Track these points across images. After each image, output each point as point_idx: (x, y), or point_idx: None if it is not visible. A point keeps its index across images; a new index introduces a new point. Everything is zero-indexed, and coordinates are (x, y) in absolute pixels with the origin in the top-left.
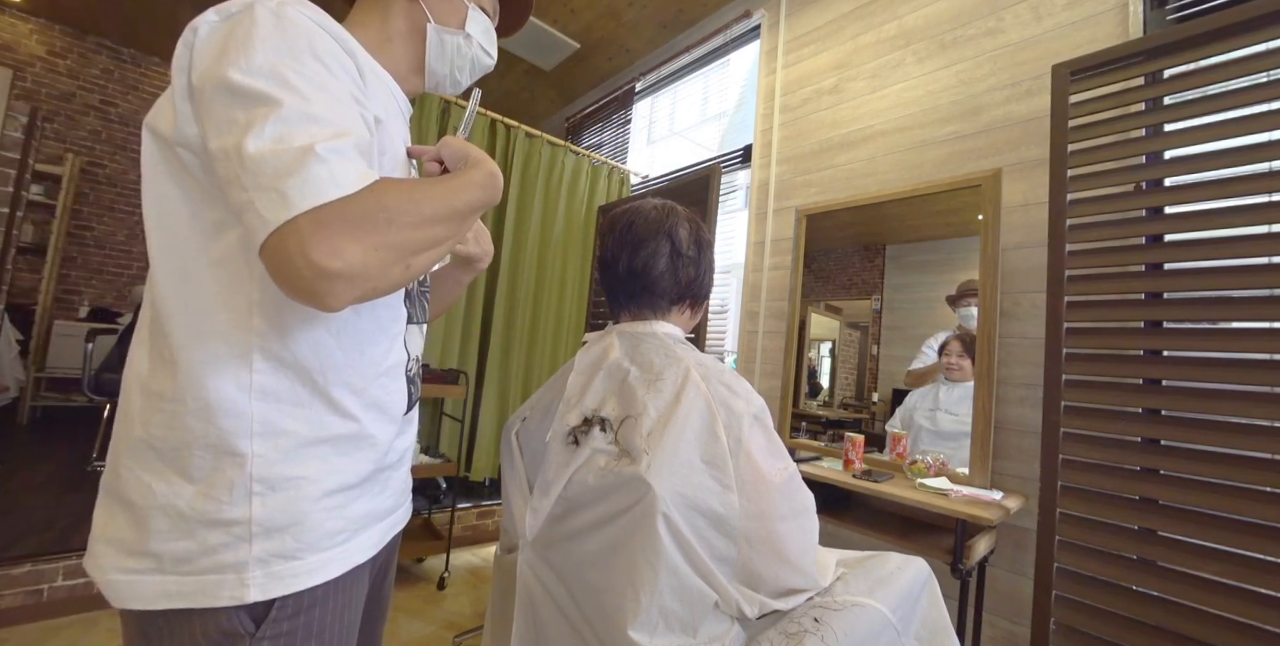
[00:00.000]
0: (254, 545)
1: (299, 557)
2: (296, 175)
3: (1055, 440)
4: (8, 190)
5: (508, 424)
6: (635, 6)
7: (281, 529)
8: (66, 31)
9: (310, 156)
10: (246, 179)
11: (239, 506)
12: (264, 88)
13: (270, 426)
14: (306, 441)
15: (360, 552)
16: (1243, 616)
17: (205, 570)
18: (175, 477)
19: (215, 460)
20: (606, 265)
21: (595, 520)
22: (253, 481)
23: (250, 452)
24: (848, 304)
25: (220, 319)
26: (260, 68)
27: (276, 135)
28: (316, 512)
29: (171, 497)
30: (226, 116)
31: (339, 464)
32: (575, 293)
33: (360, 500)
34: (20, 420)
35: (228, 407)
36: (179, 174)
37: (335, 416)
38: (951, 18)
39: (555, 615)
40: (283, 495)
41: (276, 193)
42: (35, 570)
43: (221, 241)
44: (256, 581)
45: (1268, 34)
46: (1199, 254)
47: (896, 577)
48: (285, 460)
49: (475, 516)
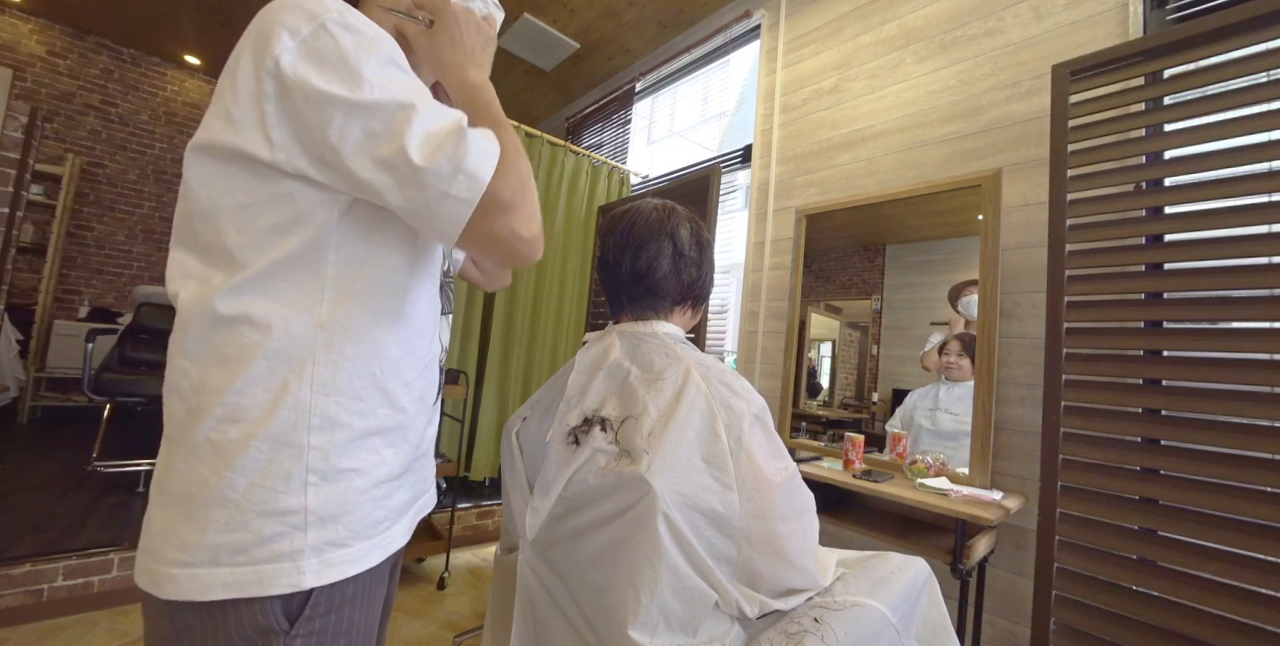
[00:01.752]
0: (309, 533)
1: (349, 545)
2: (469, 154)
3: (1055, 440)
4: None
5: (508, 424)
6: (635, 6)
7: (334, 518)
8: (66, 31)
9: (462, 134)
10: (427, 176)
11: (295, 496)
12: (387, 97)
13: (328, 419)
14: (361, 434)
15: (398, 540)
16: (1243, 616)
17: (261, 560)
18: (227, 471)
19: (273, 452)
20: (608, 267)
21: (595, 520)
22: (308, 472)
23: (308, 444)
24: (848, 304)
25: (285, 315)
26: (372, 83)
27: (423, 130)
28: (365, 503)
29: (226, 489)
30: (363, 132)
31: (387, 455)
32: (575, 293)
33: (400, 490)
34: (20, 420)
35: (289, 401)
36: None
37: (388, 408)
38: (951, 18)
39: (555, 615)
40: (335, 486)
41: (465, 174)
42: (35, 570)
43: (287, 242)
44: (312, 568)
45: (1268, 34)
46: (1199, 254)
47: (896, 577)
48: (340, 452)
49: (475, 516)
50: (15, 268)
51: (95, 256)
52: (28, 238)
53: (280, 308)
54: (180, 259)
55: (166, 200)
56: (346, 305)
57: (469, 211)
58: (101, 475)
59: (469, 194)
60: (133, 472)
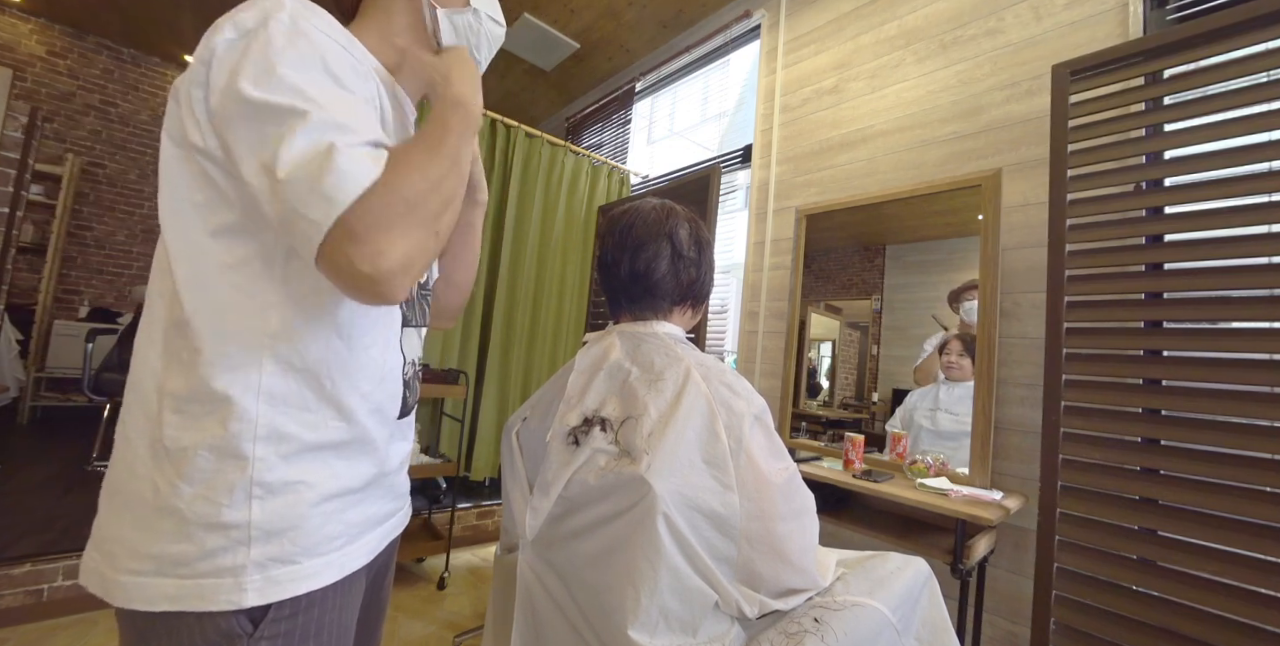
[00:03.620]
0: (252, 549)
1: (296, 562)
2: (330, 174)
3: (1055, 440)
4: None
5: (508, 424)
6: (635, 6)
7: (279, 533)
8: (66, 31)
9: (333, 153)
10: (287, 191)
11: (238, 509)
12: (288, 102)
13: (274, 430)
14: (309, 446)
15: (357, 558)
16: (1243, 616)
17: (203, 574)
18: (177, 479)
19: (218, 462)
20: (607, 267)
21: (595, 520)
22: (253, 485)
23: (252, 456)
24: (848, 304)
25: (234, 321)
26: (282, 83)
27: (307, 144)
28: (315, 517)
29: (173, 499)
30: (257, 133)
31: (340, 468)
32: (575, 293)
33: (360, 505)
34: (20, 420)
35: (236, 410)
36: (200, 180)
37: (340, 421)
38: (951, 18)
39: (555, 615)
40: (282, 499)
41: (319, 195)
42: (35, 570)
43: (239, 245)
44: (254, 585)
45: (1268, 34)
46: (1199, 254)
47: (896, 577)
48: (286, 464)
49: (475, 516)
50: (15, 268)
51: (95, 256)
52: (28, 238)
53: (227, 313)
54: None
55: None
56: (295, 313)
57: (318, 236)
58: (101, 475)
59: (319, 216)
60: None
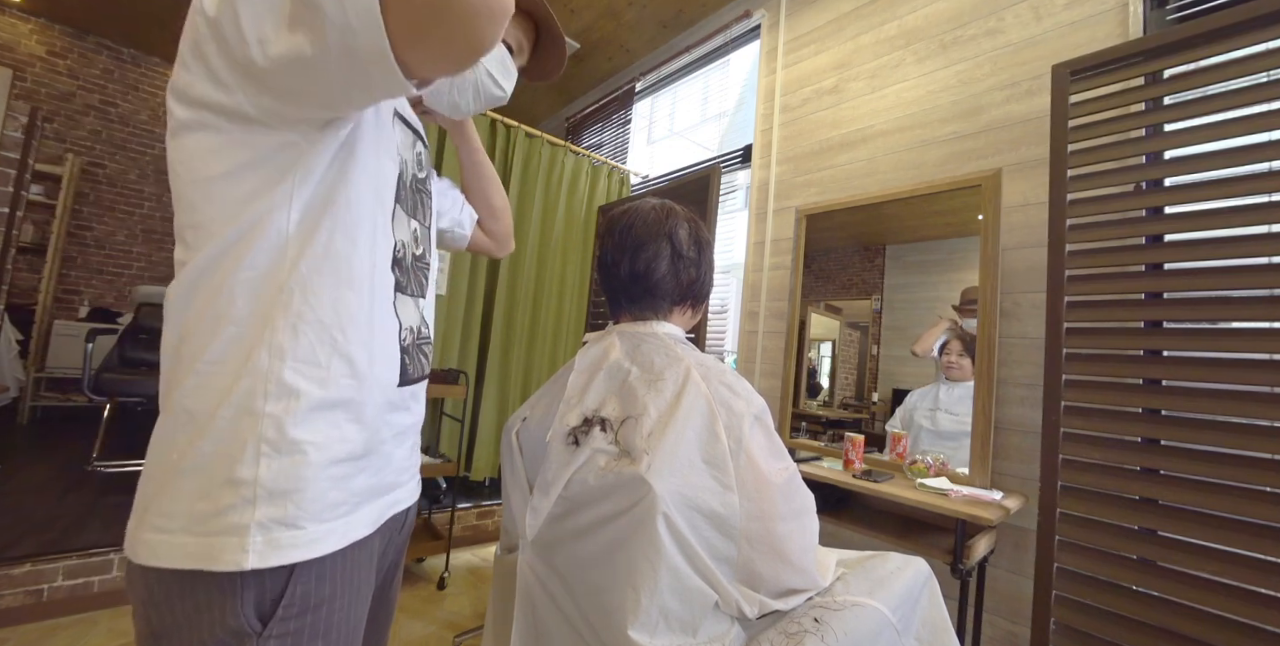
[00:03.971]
0: (257, 508)
1: (299, 526)
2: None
3: (1055, 440)
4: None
5: (508, 424)
6: (635, 6)
7: (284, 494)
8: (66, 31)
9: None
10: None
11: (248, 466)
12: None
13: (284, 386)
14: (320, 404)
15: (359, 528)
16: (1243, 616)
17: (215, 531)
18: (198, 438)
19: (235, 418)
20: (607, 268)
21: (595, 520)
22: (262, 442)
23: (263, 412)
24: (848, 304)
25: (250, 279)
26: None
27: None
28: (320, 480)
29: (197, 457)
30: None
31: (348, 431)
32: (575, 293)
33: (363, 474)
34: (20, 420)
35: (250, 366)
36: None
37: (351, 378)
38: (951, 18)
39: (555, 615)
40: (288, 459)
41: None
42: (35, 570)
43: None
44: (255, 547)
45: (1268, 34)
46: (1199, 254)
47: (896, 577)
48: (295, 423)
49: (475, 516)
50: (15, 268)
51: (95, 256)
52: (28, 238)
53: (244, 272)
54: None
55: (166, 200)
56: (304, 265)
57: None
58: (101, 475)
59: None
60: (133, 472)
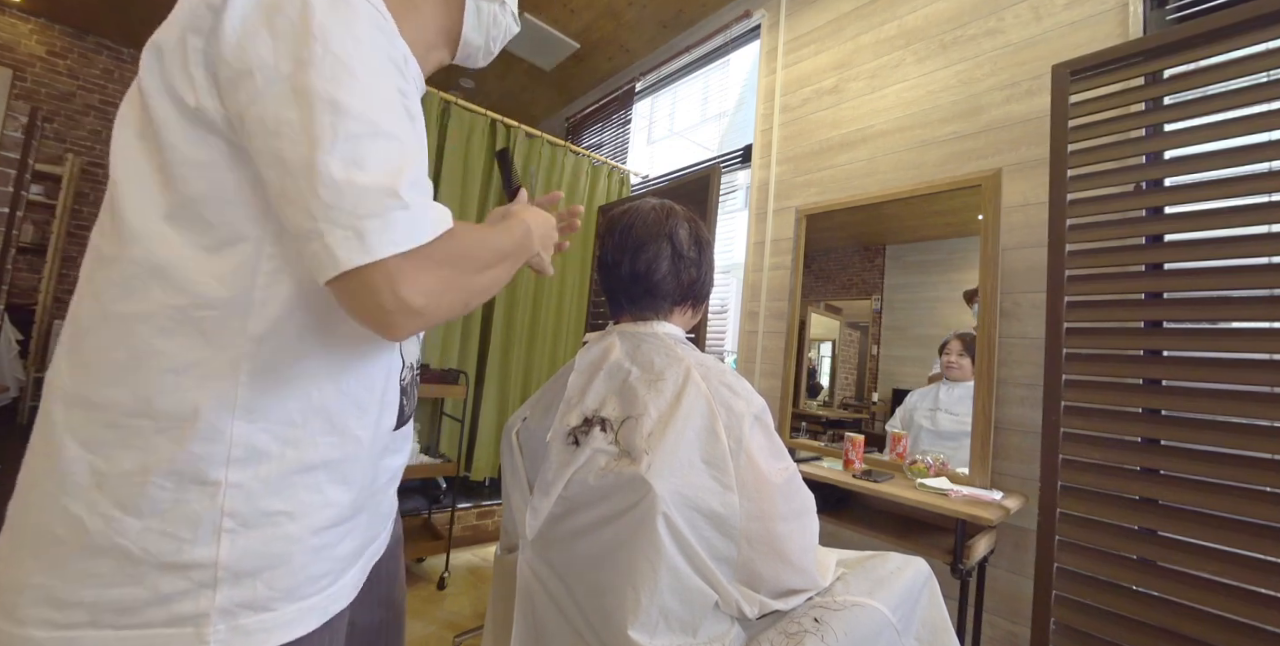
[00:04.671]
0: (218, 593)
1: (271, 608)
2: (378, 218)
3: (1055, 440)
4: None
5: (508, 424)
6: (635, 6)
7: (253, 573)
8: (66, 31)
9: (393, 201)
10: (316, 207)
11: (204, 547)
12: (323, 89)
13: (253, 450)
14: (295, 467)
15: (342, 598)
16: (1243, 616)
17: (155, 622)
18: (115, 510)
19: (178, 490)
20: (607, 268)
21: (595, 520)
22: (224, 516)
23: (225, 482)
24: (848, 304)
25: (202, 318)
26: (317, 63)
27: (348, 158)
28: (300, 554)
29: (112, 534)
30: (279, 114)
31: (332, 494)
32: (575, 293)
33: (350, 536)
34: (20, 420)
35: (202, 427)
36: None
37: (333, 437)
38: (951, 18)
39: (555, 615)
40: (259, 533)
41: (354, 233)
42: None
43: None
44: (219, 637)
45: (1268, 34)
46: (1199, 254)
47: (896, 577)
48: (268, 491)
49: (475, 516)
50: (15, 268)
51: None
52: (28, 238)
53: (199, 310)
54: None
55: None
56: (281, 313)
57: (333, 273)
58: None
59: (344, 254)
60: None
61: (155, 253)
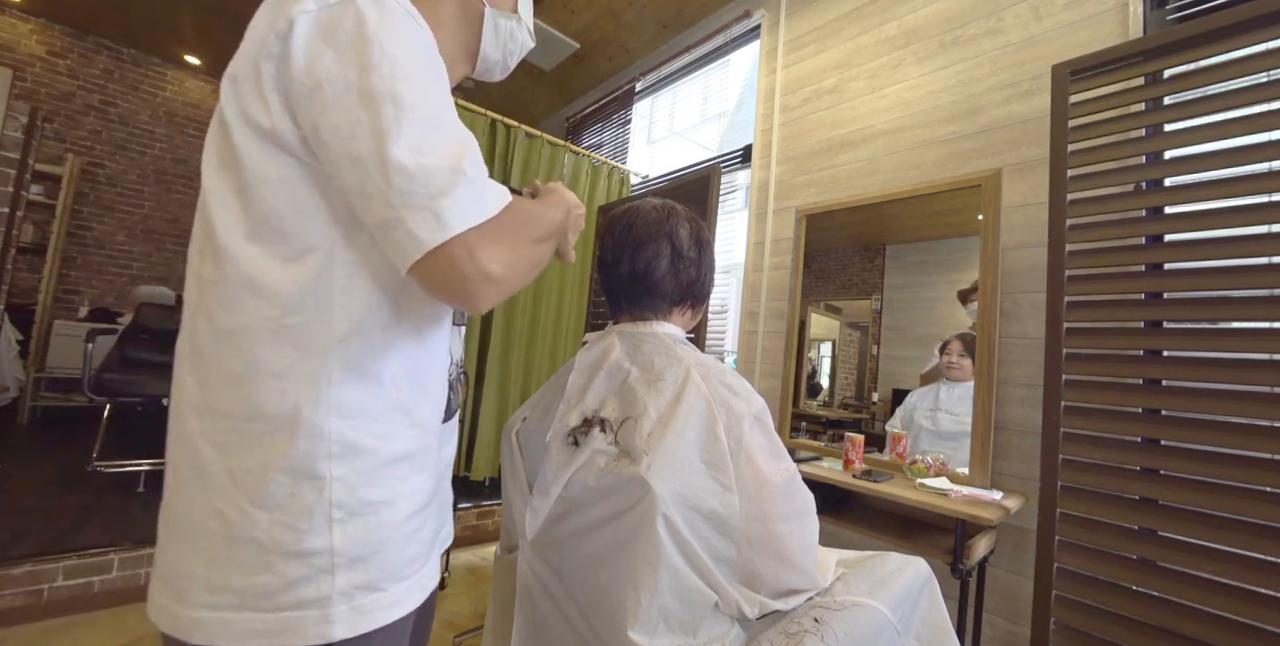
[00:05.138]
0: (337, 577)
1: (382, 588)
2: (448, 197)
3: (1055, 440)
4: (8, 190)
5: (508, 424)
6: (635, 6)
7: (364, 558)
8: (66, 31)
9: (460, 178)
10: (393, 195)
11: (319, 535)
12: (385, 87)
13: (349, 446)
14: (386, 460)
15: (432, 578)
16: (1243, 616)
17: (286, 606)
18: (248, 505)
19: (293, 484)
20: (607, 267)
21: (595, 520)
22: (332, 507)
23: (330, 476)
24: (848, 304)
25: (292, 325)
26: (376, 66)
27: (414, 146)
28: (398, 539)
29: (248, 527)
30: (350, 116)
31: (417, 482)
32: (575, 292)
33: (430, 520)
34: (20, 420)
35: (306, 426)
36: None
37: (412, 430)
38: (951, 18)
39: (555, 615)
40: (364, 521)
41: (431, 214)
42: (35, 570)
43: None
44: (341, 617)
45: (1268, 34)
46: (1199, 254)
47: (896, 578)
48: (366, 483)
49: (475, 516)
50: (15, 268)
51: (95, 256)
52: (28, 238)
53: (290, 317)
54: (190, 256)
55: (166, 200)
56: (360, 314)
57: (416, 254)
58: (101, 475)
59: (426, 234)
60: (133, 473)
61: (244, 269)
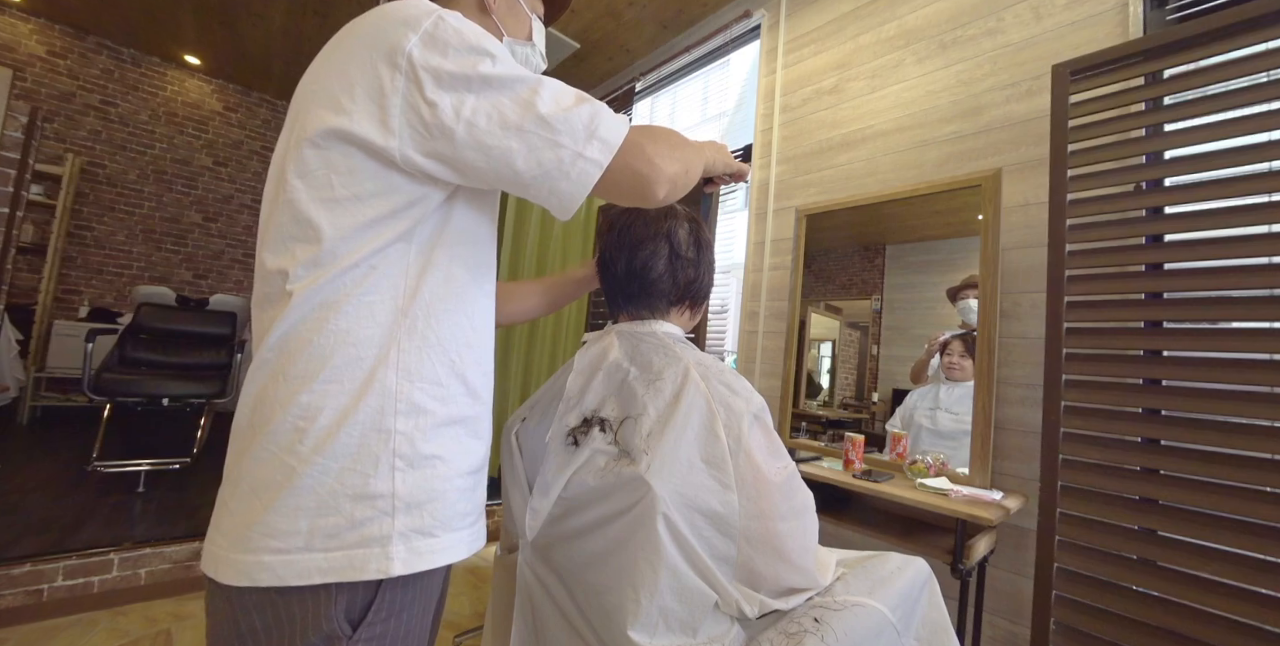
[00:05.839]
0: (396, 519)
1: (435, 535)
2: (597, 119)
3: (1055, 440)
4: (8, 190)
5: (508, 424)
6: (635, 6)
7: (420, 505)
8: (66, 31)
9: (597, 107)
10: (563, 138)
11: (383, 480)
12: (507, 71)
13: (413, 405)
14: (443, 421)
15: (479, 539)
16: (1243, 616)
17: (352, 544)
18: (318, 457)
19: (363, 437)
20: (605, 266)
21: (595, 520)
22: (395, 457)
23: (395, 430)
24: (848, 304)
25: (370, 302)
26: (496, 57)
27: (551, 98)
28: (450, 492)
29: (319, 475)
30: (492, 101)
31: (470, 445)
32: None
33: (480, 486)
34: (20, 420)
35: (376, 386)
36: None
37: (467, 397)
38: (951, 18)
39: (555, 615)
40: (421, 472)
41: (596, 138)
42: (35, 570)
43: (382, 234)
44: (399, 555)
45: (1268, 34)
46: (1199, 254)
47: (896, 577)
48: (425, 438)
49: None
50: (15, 268)
51: (95, 256)
52: (28, 238)
53: (367, 296)
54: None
55: (166, 200)
56: (427, 292)
57: (597, 174)
58: (101, 475)
59: (601, 156)
60: (133, 473)
61: (340, 255)
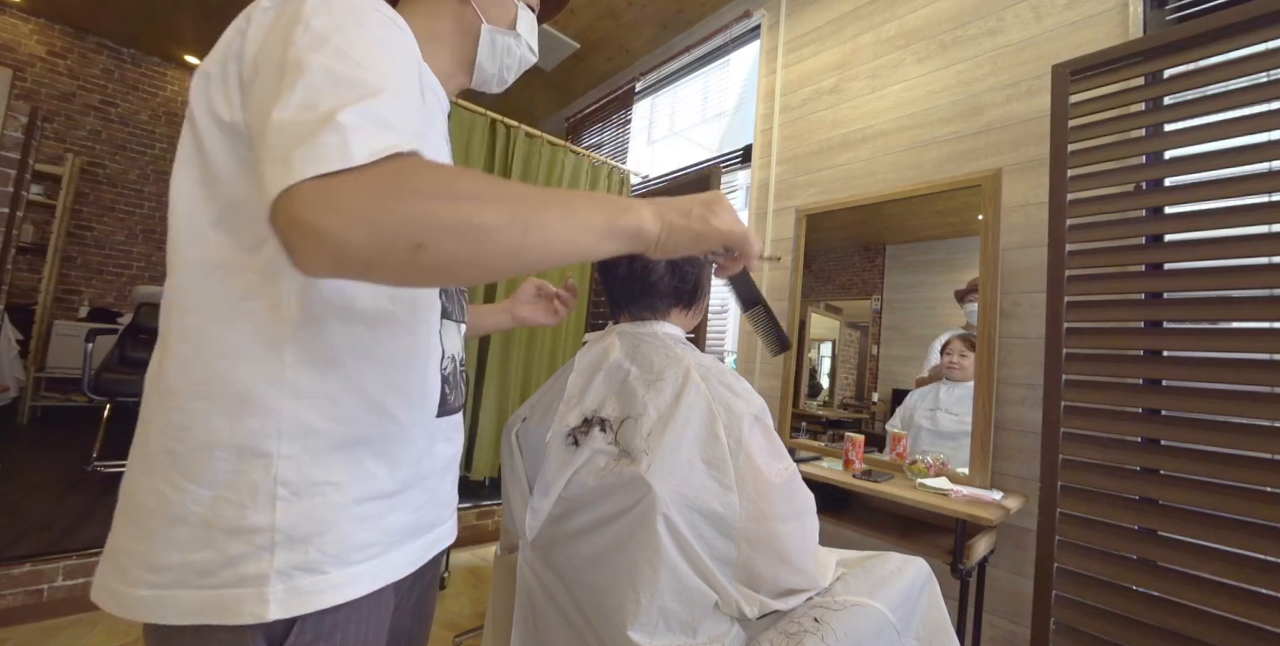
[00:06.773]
0: (276, 556)
1: (324, 571)
2: (306, 144)
3: (1055, 440)
4: (8, 190)
5: (508, 424)
6: (635, 6)
7: (305, 538)
8: (66, 31)
9: (326, 124)
10: (264, 150)
11: (262, 512)
12: (298, 57)
13: (301, 425)
14: (340, 442)
15: (393, 570)
16: (1243, 616)
17: (226, 583)
18: (189, 484)
19: (239, 462)
20: (606, 267)
21: (595, 520)
22: (277, 485)
23: (277, 453)
24: (848, 304)
25: (250, 308)
26: (300, 40)
27: (302, 103)
28: (346, 522)
29: (190, 504)
30: (261, 92)
31: (374, 468)
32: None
33: (399, 511)
34: (20, 420)
35: (255, 405)
36: (223, 159)
37: (371, 416)
38: (951, 18)
39: (555, 615)
40: (308, 501)
41: (283, 162)
42: (35, 570)
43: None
44: (276, 596)
45: (1268, 34)
46: (1199, 254)
47: (896, 577)
48: (315, 463)
49: (475, 516)
50: (15, 268)
51: (95, 256)
52: (28, 238)
53: (249, 302)
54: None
55: (166, 200)
56: (317, 298)
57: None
58: (101, 475)
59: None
60: None
61: (208, 254)
